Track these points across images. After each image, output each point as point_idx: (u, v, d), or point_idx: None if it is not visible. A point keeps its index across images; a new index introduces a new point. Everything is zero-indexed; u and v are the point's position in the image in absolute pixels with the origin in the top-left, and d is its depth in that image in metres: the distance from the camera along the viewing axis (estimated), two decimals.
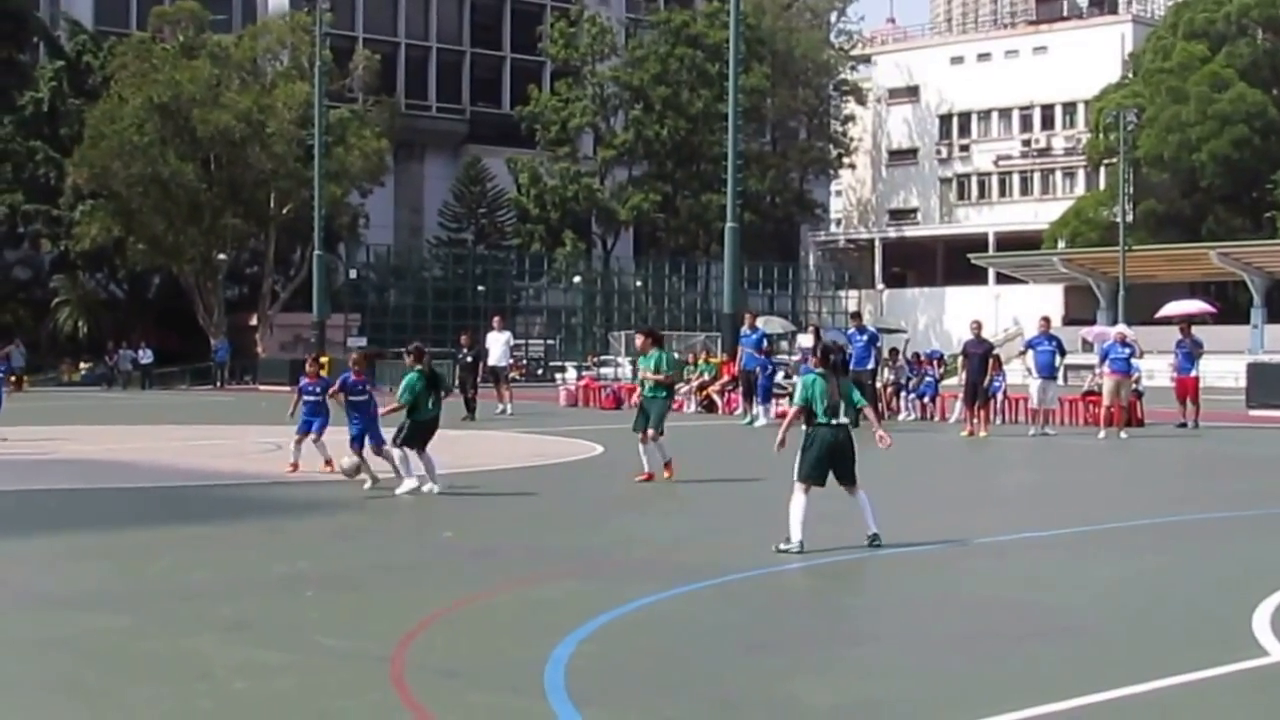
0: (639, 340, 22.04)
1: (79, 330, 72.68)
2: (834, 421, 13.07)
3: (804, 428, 13.26)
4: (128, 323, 72.76)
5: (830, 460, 13.06)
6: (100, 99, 68.27)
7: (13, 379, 60.99)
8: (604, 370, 55.02)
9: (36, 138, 72.80)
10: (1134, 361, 31.39)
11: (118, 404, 47.61)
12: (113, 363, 67.24)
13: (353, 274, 79.40)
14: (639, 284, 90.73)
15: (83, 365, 64.02)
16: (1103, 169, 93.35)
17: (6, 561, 13.52)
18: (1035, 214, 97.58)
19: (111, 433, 31.63)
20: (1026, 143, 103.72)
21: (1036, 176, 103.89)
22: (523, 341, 54.40)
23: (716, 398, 39.40)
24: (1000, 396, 34.53)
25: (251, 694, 8.05)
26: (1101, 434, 29.78)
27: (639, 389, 20.49)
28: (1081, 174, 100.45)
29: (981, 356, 30.60)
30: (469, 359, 38.68)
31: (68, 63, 75.79)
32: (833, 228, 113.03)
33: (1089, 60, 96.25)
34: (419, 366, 18.24)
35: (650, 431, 19.23)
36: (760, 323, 43.92)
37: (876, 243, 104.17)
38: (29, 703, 8.18)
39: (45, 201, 70.86)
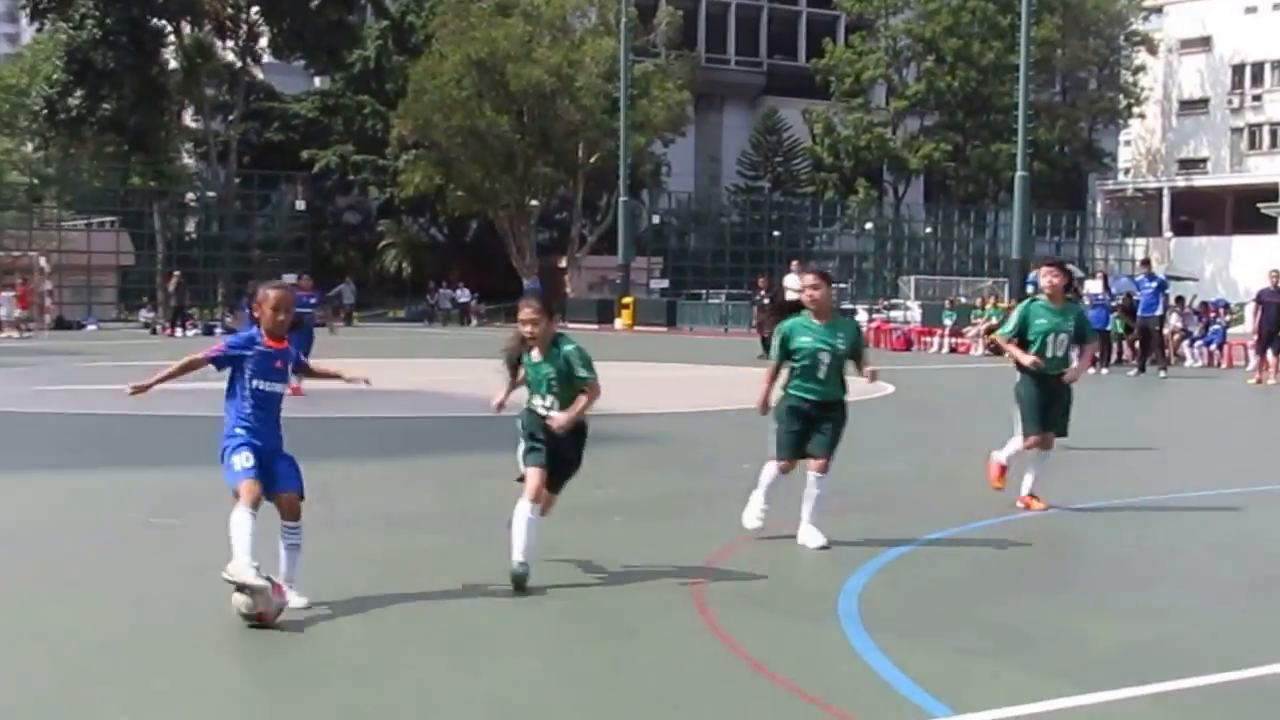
0: (1049, 275, 12.45)
1: (403, 270, 74.70)
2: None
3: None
4: (447, 263, 74.56)
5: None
6: (422, 56, 69.72)
7: (342, 313, 63.44)
8: (894, 313, 54.39)
9: (364, 93, 74.88)
10: None
11: (439, 339, 48.82)
12: (433, 301, 69.16)
13: (655, 219, 79.89)
14: (928, 230, 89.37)
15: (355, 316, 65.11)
16: None
17: (344, 483, 14.02)
18: None
19: (434, 365, 32.50)
20: None
21: None
22: None
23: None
24: None
25: (565, 611, 8.25)
26: None
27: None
28: None
29: (1278, 305, 29.42)
30: (766, 301, 38.84)
31: (392, 23, 77.63)
32: (1120, 176, 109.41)
33: None
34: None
35: None
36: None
37: (1165, 192, 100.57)
38: (362, 611, 8.50)
39: (372, 152, 72.85)
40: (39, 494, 13.20)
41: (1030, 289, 35.63)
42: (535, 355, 9.02)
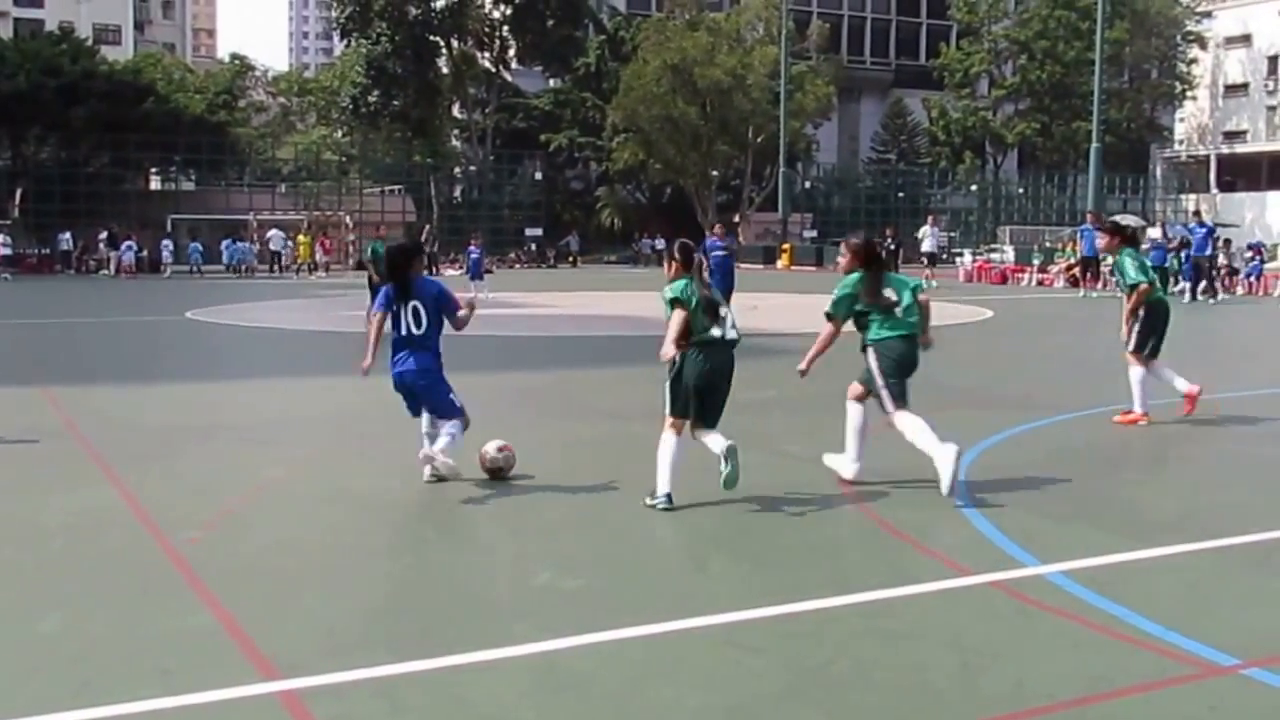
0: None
1: (614, 225, 74.95)
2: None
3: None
4: (647, 220, 74.64)
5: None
6: (630, 62, 69.47)
7: (570, 258, 64.00)
8: (992, 255, 53.10)
9: (586, 90, 74.88)
10: None
11: (641, 277, 48.97)
12: (637, 248, 69.49)
13: (807, 184, 78.87)
14: (1020, 191, 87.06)
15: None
16: None
17: (574, 384, 14.19)
18: None
19: (635, 297, 32.60)
20: None
21: None
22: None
23: (1079, 275, 37.68)
24: None
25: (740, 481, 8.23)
26: None
27: None
28: None
29: None
30: (891, 246, 38.25)
31: (608, 37, 77.38)
32: (1176, 145, 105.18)
33: None
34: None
35: None
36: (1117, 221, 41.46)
37: (1212, 157, 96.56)
38: (575, 482, 8.58)
39: (592, 135, 72.93)
40: (354, 390, 13.54)
41: (1079, 235, 34.52)
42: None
